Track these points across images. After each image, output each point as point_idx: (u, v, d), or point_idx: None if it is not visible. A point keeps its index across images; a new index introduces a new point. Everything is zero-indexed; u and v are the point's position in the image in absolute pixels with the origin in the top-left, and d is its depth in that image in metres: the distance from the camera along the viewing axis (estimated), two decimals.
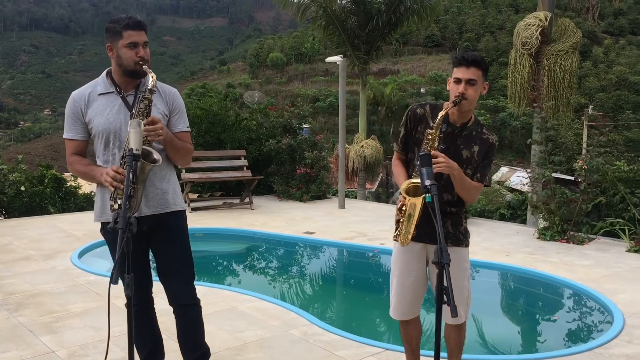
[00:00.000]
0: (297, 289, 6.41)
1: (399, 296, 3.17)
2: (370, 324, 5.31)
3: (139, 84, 2.98)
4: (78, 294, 5.34)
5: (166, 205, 3.03)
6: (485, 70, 2.95)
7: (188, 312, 3.20)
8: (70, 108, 2.98)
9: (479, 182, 3.01)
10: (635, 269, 6.32)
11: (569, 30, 13.79)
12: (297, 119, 11.32)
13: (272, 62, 62.82)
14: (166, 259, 3.10)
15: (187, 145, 3.09)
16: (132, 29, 2.84)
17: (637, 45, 63.60)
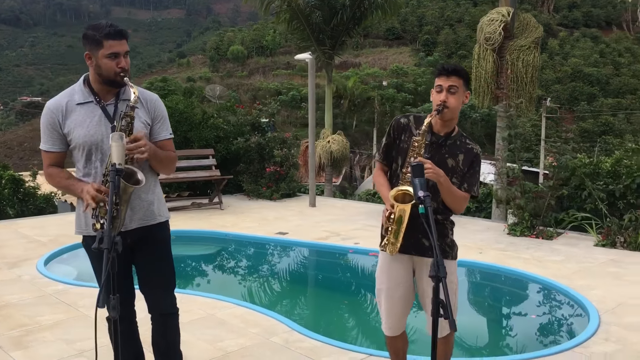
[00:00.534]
0: (274, 294, 6.33)
1: (389, 312, 3.15)
2: (351, 328, 5.28)
3: (119, 92, 2.87)
4: (47, 305, 5.15)
5: (152, 217, 2.97)
6: (466, 79, 2.98)
7: (168, 320, 3.16)
8: (47, 119, 2.84)
9: (467, 192, 3.01)
10: (604, 263, 6.46)
11: (531, 26, 14.01)
12: (266, 116, 11.18)
13: (233, 55, 62.06)
14: (150, 272, 3.05)
15: (171, 154, 3.02)
16: (114, 38, 2.72)
17: (590, 38, 65.34)
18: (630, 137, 39.58)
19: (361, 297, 6.19)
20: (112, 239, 2.43)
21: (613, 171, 8.25)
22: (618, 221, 7.24)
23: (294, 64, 59.52)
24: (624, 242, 7.09)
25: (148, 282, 3.06)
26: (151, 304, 3.09)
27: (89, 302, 5.19)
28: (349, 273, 7.12)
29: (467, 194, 3.01)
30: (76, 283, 5.77)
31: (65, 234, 7.94)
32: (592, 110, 45.59)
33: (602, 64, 57.10)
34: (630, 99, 49.86)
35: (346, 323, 5.42)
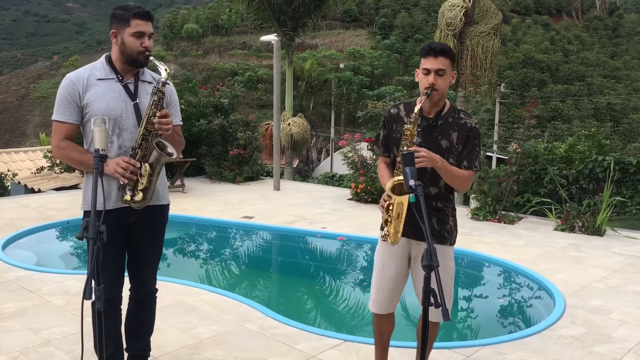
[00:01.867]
0: (245, 279, 6.27)
1: (378, 289, 3.18)
2: (324, 314, 5.28)
3: (138, 72, 2.97)
4: (9, 291, 4.95)
5: (156, 197, 3.04)
6: (452, 59, 2.96)
7: (150, 299, 3.27)
8: (67, 90, 2.86)
9: (467, 170, 2.98)
10: (565, 247, 6.66)
11: (491, 12, 14.25)
12: (230, 99, 10.99)
13: (187, 34, 60.66)
14: (144, 254, 3.14)
15: (179, 139, 3.12)
16: (141, 18, 2.83)
17: (542, 25, 66.80)
18: (578, 123, 40.92)
19: (331, 282, 6.20)
20: (98, 228, 2.37)
21: (566, 157, 8.51)
22: (577, 206, 7.46)
23: (250, 44, 58.78)
24: (582, 226, 7.31)
25: (139, 259, 3.13)
26: (136, 283, 3.18)
27: (53, 288, 5.03)
28: (318, 258, 7.11)
29: (469, 172, 2.98)
30: (38, 269, 5.57)
31: (21, 218, 7.66)
32: (542, 96, 46.74)
33: (552, 50, 58.51)
34: (579, 86, 51.36)
35: (319, 309, 5.42)
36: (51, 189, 9.99)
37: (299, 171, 22.09)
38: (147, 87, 2.96)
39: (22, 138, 48.01)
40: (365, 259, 6.88)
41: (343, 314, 5.25)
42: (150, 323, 3.31)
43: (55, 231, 7.40)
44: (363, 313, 5.13)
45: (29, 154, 15.81)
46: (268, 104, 41.09)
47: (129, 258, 3.12)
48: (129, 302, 3.21)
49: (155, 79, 3.00)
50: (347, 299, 5.60)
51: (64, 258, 6.63)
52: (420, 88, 2.94)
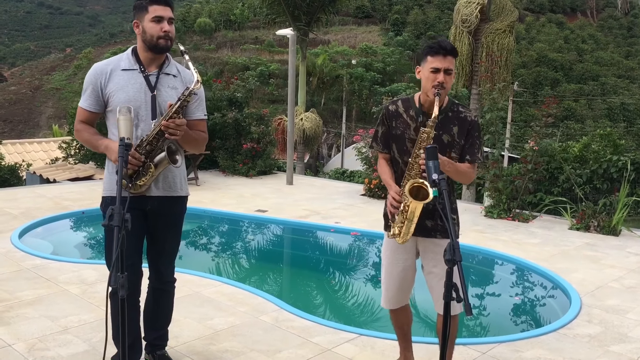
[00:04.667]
0: (259, 272, 6.29)
1: (387, 285, 3.21)
2: (339, 307, 5.29)
3: (162, 64, 3.00)
4: (26, 280, 5.00)
5: (174, 189, 3.09)
6: (457, 58, 3.01)
7: (169, 288, 3.31)
8: (90, 79, 2.96)
9: (471, 163, 3.02)
10: (580, 247, 6.62)
11: (507, 9, 14.15)
12: (244, 93, 11.00)
13: (200, 28, 60.63)
14: (162, 243, 3.18)
15: (202, 135, 3.13)
16: (158, 3, 2.87)
17: (556, 23, 66.24)
18: (591, 123, 40.58)
19: (344, 277, 6.20)
20: (123, 216, 2.39)
21: (580, 156, 8.44)
22: (592, 205, 7.41)
23: (262, 39, 58.68)
24: (597, 226, 7.26)
25: (157, 250, 3.18)
26: (155, 272, 3.22)
27: (70, 277, 5.06)
28: (331, 252, 7.12)
29: (471, 165, 3.03)
30: (54, 258, 5.61)
31: (37, 207, 7.72)
32: (555, 95, 46.42)
33: (566, 49, 57.99)
34: (592, 86, 50.88)
35: (333, 303, 5.43)
36: (66, 179, 10.05)
37: (309, 166, 22.10)
38: (169, 80, 2.98)
39: (35, 129, 48.32)
40: (378, 254, 6.87)
41: (357, 309, 5.26)
42: (169, 313, 3.34)
43: (70, 221, 7.45)
44: (377, 308, 5.13)
45: (43, 145, 15.92)
46: (279, 99, 41.08)
47: (148, 247, 3.16)
48: (148, 291, 3.25)
49: (180, 72, 3.04)
50: (361, 294, 5.60)
51: (80, 247, 6.68)
52: (425, 86, 2.95)
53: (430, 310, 4.70)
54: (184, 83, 3.01)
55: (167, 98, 2.92)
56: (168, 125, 2.79)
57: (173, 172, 3.05)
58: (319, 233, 7.38)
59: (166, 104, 2.88)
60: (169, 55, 3.04)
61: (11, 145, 15.21)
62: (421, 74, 2.97)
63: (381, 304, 3.28)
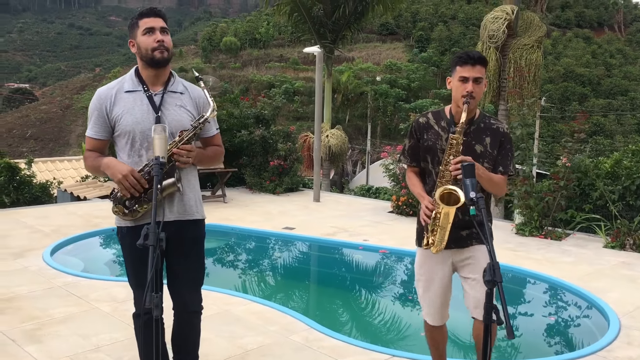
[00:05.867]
0: (287, 290, 6.23)
1: (429, 302, 3.17)
2: (369, 327, 5.21)
3: (167, 82, 2.88)
4: (57, 297, 5.03)
5: (190, 212, 2.94)
6: (486, 67, 2.96)
7: (194, 319, 3.13)
8: (95, 105, 2.86)
9: (503, 174, 3.00)
10: (616, 266, 6.44)
11: (534, 25, 14.03)
12: (271, 110, 11.05)
13: (226, 47, 61.48)
14: (180, 270, 3.00)
15: (218, 150, 3.07)
16: (147, 16, 2.79)
17: (582, 38, 65.55)
18: (621, 138, 39.89)
19: (374, 295, 6.12)
20: (158, 235, 2.38)
21: (612, 172, 8.24)
22: (628, 223, 7.22)
23: (287, 57, 59.21)
24: (633, 244, 7.07)
25: (177, 279, 3.01)
26: (177, 302, 3.05)
27: (101, 295, 5.09)
28: (360, 271, 7.04)
29: (504, 177, 3.00)
30: (86, 275, 5.65)
31: (69, 225, 7.81)
32: (583, 110, 45.83)
33: (593, 64, 57.25)
34: (621, 100, 50.09)
35: (363, 322, 5.35)
36: (96, 197, 10.17)
37: (334, 183, 22.08)
38: (176, 99, 2.87)
39: (65, 147, 49.26)
40: (408, 273, 6.78)
41: (386, 327, 5.17)
42: (196, 340, 3.18)
43: (100, 238, 7.51)
44: (408, 328, 5.05)
45: (73, 163, 16.16)
46: (304, 116, 41.26)
47: (168, 277, 3.02)
48: (174, 318, 3.11)
49: (187, 88, 2.93)
50: (390, 312, 5.51)
51: (110, 265, 6.72)
52: (455, 96, 2.94)
53: (460, 329, 4.63)
54: (192, 99, 2.91)
55: (175, 117, 2.82)
56: (179, 154, 2.72)
57: (188, 194, 2.90)
58: (347, 251, 7.32)
59: (174, 124, 2.79)
60: (174, 73, 2.94)
61: (42, 163, 15.46)
62: (451, 85, 2.96)
63: (424, 317, 3.22)
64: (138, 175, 2.72)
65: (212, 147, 3.04)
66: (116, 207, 2.82)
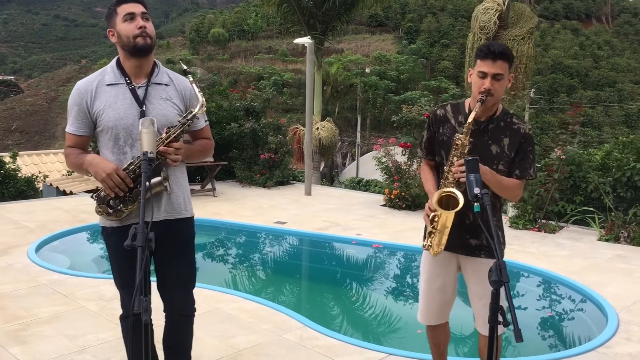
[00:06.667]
0: (280, 287, 6.11)
1: (426, 301, 3.06)
2: (366, 324, 5.10)
3: (151, 74, 2.70)
4: (43, 296, 4.88)
5: (178, 210, 2.79)
6: (512, 62, 2.76)
7: (186, 322, 3.01)
8: (75, 100, 2.68)
9: (520, 179, 2.80)
10: (612, 259, 6.39)
11: (525, 16, 13.94)
12: (261, 102, 10.89)
13: (214, 38, 60.94)
14: (171, 272, 2.86)
15: (207, 144, 2.90)
16: (126, 2, 2.61)
17: (570, 30, 65.76)
18: (609, 130, 40.10)
19: (369, 292, 6.00)
20: (147, 236, 2.25)
21: (602, 164, 8.19)
22: (622, 215, 7.17)
23: (275, 48, 58.86)
24: (627, 237, 7.03)
25: (167, 281, 2.87)
26: (168, 304, 2.92)
27: (87, 293, 4.94)
28: (354, 266, 6.92)
29: (519, 181, 2.81)
30: (72, 273, 5.50)
31: (54, 220, 7.63)
32: (571, 102, 45.96)
33: (581, 56, 57.45)
34: (609, 92, 50.33)
35: (359, 319, 5.24)
36: (83, 191, 9.98)
37: (324, 175, 21.98)
38: (161, 91, 2.69)
39: (51, 140, 48.72)
40: (403, 267, 6.69)
41: (384, 326, 5.06)
42: (188, 344, 3.05)
43: (88, 234, 7.35)
44: (404, 325, 4.95)
45: (59, 156, 15.90)
46: (293, 108, 41.04)
47: (157, 280, 2.87)
48: (165, 320, 2.98)
49: (172, 79, 2.76)
50: (387, 310, 5.40)
51: (97, 262, 6.57)
52: (474, 90, 2.75)
53: (467, 327, 4.54)
54: (178, 91, 2.74)
55: (161, 110, 2.65)
56: (167, 152, 2.56)
57: (176, 191, 2.75)
58: (340, 245, 7.20)
59: (159, 118, 2.60)
60: (158, 63, 2.77)
61: (27, 156, 15.21)
62: (472, 78, 2.77)
63: (418, 319, 3.10)
64: (123, 173, 2.57)
65: (201, 141, 2.87)
66: (99, 207, 2.69)
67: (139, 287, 2.18)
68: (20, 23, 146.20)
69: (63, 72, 75.72)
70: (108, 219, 2.70)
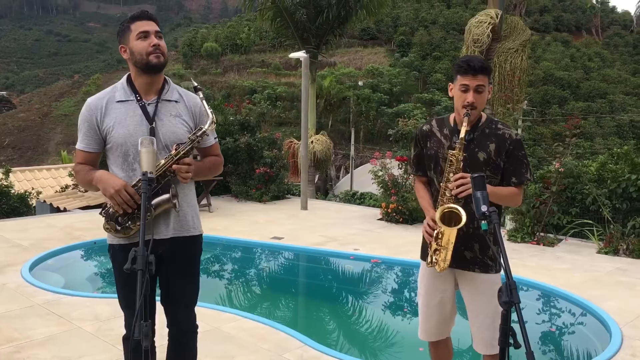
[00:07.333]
0: (280, 304, 6.03)
1: (425, 317, 3.03)
2: (368, 342, 5.01)
3: (161, 90, 2.70)
4: (37, 316, 4.78)
5: (186, 228, 2.77)
6: (490, 74, 2.80)
7: (189, 339, 2.96)
8: (85, 117, 2.68)
9: (517, 186, 2.80)
10: (612, 272, 6.35)
11: (518, 29, 14.01)
12: (256, 116, 10.85)
13: (207, 52, 61.02)
14: (176, 289, 2.83)
15: (216, 161, 2.89)
16: (140, 19, 2.64)
17: (561, 42, 66.31)
18: (601, 141, 40.31)
19: (369, 308, 5.92)
20: (147, 259, 2.19)
21: (598, 175, 8.19)
22: (621, 228, 7.15)
23: (268, 62, 58.99)
24: (626, 249, 7.00)
25: (172, 298, 2.84)
26: (172, 320, 2.88)
27: (83, 313, 4.85)
28: (353, 282, 6.83)
29: (518, 188, 2.80)
30: (67, 292, 5.40)
31: (49, 238, 7.53)
32: (563, 113, 46.24)
33: (572, 68, 57.89)
34: (600, 103, 50.68)
35: (361, 337, 5.15)
36: (77, 207, 9.88)
37: (318, 189, 21.92)
38: (171, 108, 2.69)
39: (44, 156, 48.46)
40: (403, 283, 6.61)
41: (386, 343, 4.99)
42: None
43: (82, 252, 7.25)
44: (408, 343, 4.87)
45: (52, 172, 15.78)
46: (287, 122, 41.05)
47: (162, 295, 2.84)
48: (168, 339, 2.94)
49: (182, 95, 2.76)
50: (389, 327, 5.32)
51: (92, 280, 6.47)
52: (457, 104, 2.78)
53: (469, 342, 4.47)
54: (188, 107, 2.74)
55: (170, 127, 2.65)
56: (180, 169, 2.54)
57: (184, 209, 2.73)
58: (338, 261, 7.13)
59: (169, 135, 2.63)
60: (168, 79, 2.77)
61: (20, 172, 15.07)
62: (452, 92, 2.81)
63: (419, 336, 3.06)
64: (132, 190, 2.54)
65: (210, 158, 2.85)
66: (108, 223, 2.64)
67: (139, 312, 2.12)
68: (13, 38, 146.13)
69: (56, 88, 75.62)
70: (116, 236, 2.67)
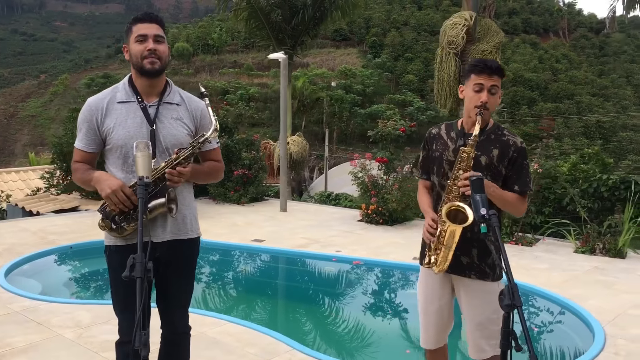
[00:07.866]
0: (265, 307, 5.98)
1: (425, 324, 3.01)
2: (355, 347, 4.99)
3: (163, 93, 2.67)
4: (16, 324, 4.65)
5: (184, 231, 2.75)
6: (503, 78, 2.79)
7: (182, 340, 2.95)
8: (85, 116, 2.66)
9: (522, 195, 2.79)
10: (590, 271, 6.46)
11: (492, 31, 14.15)
12: (233, 118, 10.76)
13: (178, 53, 60.27)
14: (172, 291, 2.82)
15: (216, 166, 2.87)
16: (142, 21, 2.60)
17: (530, 44, 67.41)
18: (569, 141, 41.09)
19: (355, 311, 5.89)
20: (145, 266, 2.15)
21: (570, 175, 8.34)
22: (597, 227, 7.28)
23: (241, 62, 58.65)
24: (603, 248, 7.13)
25: (168, 299, 2.83)
26: (167, 321, 2.87)
27: (63, 320, 4.74)
28: (337, 284, 6.80)
29: (522, 197, 2.79)
30: (45, 299, 5.27)
31: (22, 243, 7.34)
32: (532, 114, 47.03)
33: (541, 69, 58.93)
34: (568, 104, 51.67)
35: (348, 341, 5.13)
36: (50, 211, 9.66)
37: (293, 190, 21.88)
38: (172, 111, 2.67)
39: (10, 157, 47.33)
40: (385, 284, 6.62)
41: (374, 347, 4.97)
42: None
43: (58, 257, 7.08)
44: (395, 345, 4.88)
45: (21, 174, 15.41)
46: (260, 122, 40.83)
47: (158, 297, 2.82)
48: (161, 341, 2.92)
49: (184, 99, 2.74)
50: (375, 329, 5.31)
51: (70, 285, 6.32)
52: (468, 106, 2.76)
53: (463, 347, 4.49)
54: (189, 111, 2.72)
55: (171, 130, 2.63)
56: (172, 174, 2.53)
57: (183, 211, 2.71)
58: (321, 263, 7.10)
59: (169, 138, 2.61)
60: (170, 82, 2.74)
61: None
62: (464, 94, 2.79)
63: (421, 344, 3.05)
64: (129, 191, 2.51)
65: (210, 163, 2.83)
66: (103, 221, 2.61)
67: (139, 321, 2.07)
68: None
69: (22, 88, 73.94)
70: (110, 235, 2.64)
